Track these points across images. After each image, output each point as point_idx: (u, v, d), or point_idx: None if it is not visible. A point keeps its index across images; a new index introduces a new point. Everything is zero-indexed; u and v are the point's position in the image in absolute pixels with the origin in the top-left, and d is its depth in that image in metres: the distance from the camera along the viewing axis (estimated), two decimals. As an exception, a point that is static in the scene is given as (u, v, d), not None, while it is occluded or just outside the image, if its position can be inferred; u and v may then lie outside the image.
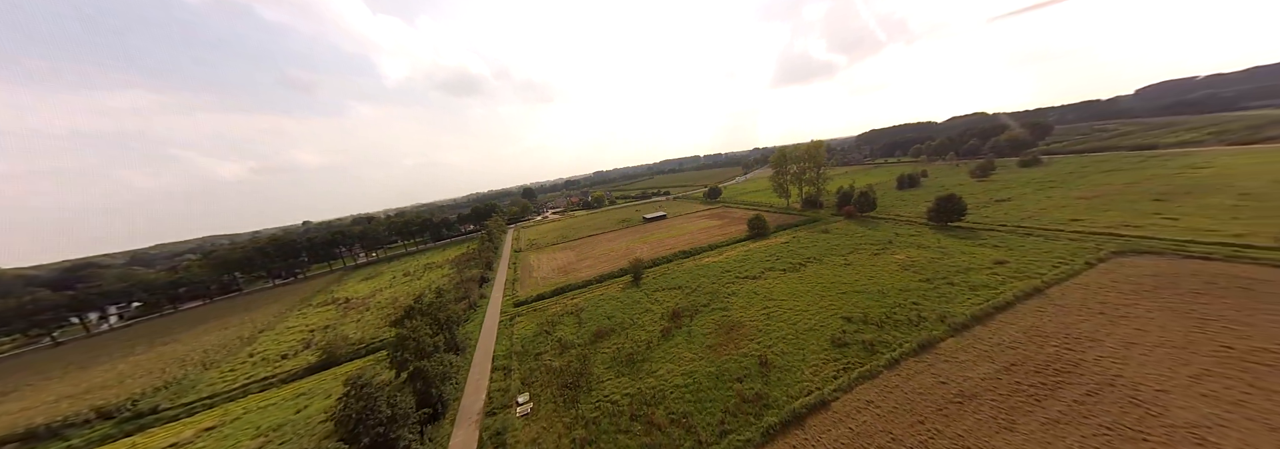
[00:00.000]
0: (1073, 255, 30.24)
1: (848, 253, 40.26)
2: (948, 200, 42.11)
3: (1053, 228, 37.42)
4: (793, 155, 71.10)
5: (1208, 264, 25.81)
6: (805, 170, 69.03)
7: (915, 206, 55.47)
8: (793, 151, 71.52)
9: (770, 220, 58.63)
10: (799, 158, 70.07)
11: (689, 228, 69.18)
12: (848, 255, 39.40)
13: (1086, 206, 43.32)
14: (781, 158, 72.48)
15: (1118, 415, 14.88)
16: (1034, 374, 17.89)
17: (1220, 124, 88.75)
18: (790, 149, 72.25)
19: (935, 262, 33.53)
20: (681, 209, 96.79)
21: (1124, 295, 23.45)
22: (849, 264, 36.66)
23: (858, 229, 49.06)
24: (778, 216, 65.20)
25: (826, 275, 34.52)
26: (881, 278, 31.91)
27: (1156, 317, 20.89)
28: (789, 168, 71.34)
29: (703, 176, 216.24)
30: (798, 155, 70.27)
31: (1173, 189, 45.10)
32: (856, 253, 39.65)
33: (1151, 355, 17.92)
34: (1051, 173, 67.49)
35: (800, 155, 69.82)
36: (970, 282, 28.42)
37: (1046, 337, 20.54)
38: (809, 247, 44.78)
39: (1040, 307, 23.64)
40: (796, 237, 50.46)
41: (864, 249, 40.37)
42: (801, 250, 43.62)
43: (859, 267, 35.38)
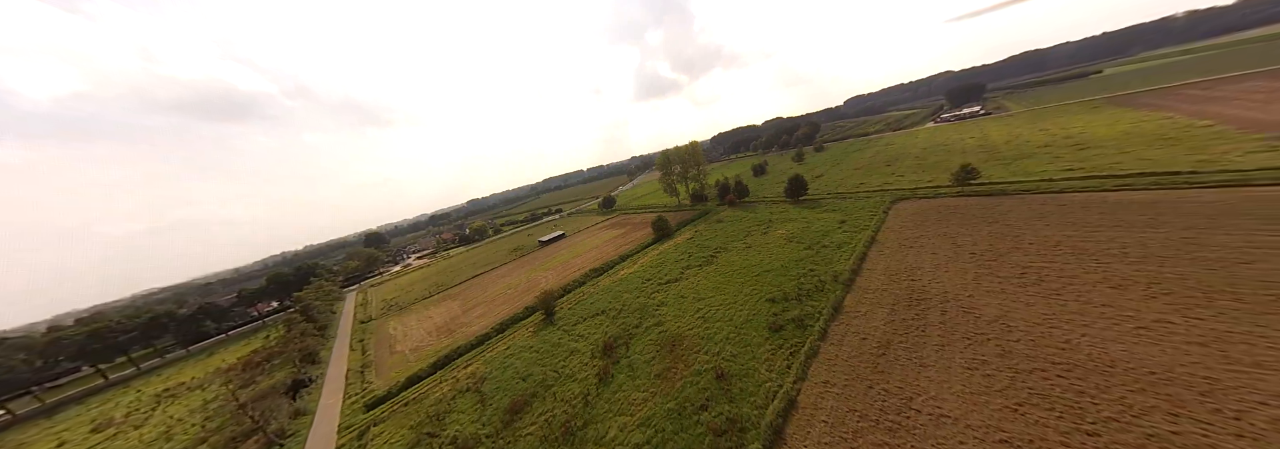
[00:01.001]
0: (875, 207, 41.00)
1: (744, 236, 43.98)
2: (795, 181, 52.13)
3: (855, 191, 50.86)
4: (675, 157, 76.78)
5: (931, 202, 38.94)
6: (688, 169, 75.44)
7: (773, 189, 67.51)
8: (675, 154, 77.26)
9: (671, 219, 60.32)
10: (681, 159, 76.18)
11: (593, 242, 64.55)
12: (746, 238, 42.93)
13: (861, 174, 61.57)
14: (666, 160, 77.32)
15: (969, 326, 18.46)
16: (908, 309, 21.16)
17: (884, 120, 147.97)
18: (672, 152, 77.90)
19: (805, 230, 39.78)
20: (580, 224, 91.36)
21: (912, 229, 32.24)
22: (750, 247, 39.67)
23: (743, 214, 55.38)
24: (675, 215, 68.18)
25: (737, 261, 36.06)
26: (778, 253, 35.32)
27: (934, 241, 29.03)
28: (674, 168, 76.61)
29: (591, 189, 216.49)
30: (680, 157, 76.29)
31: (888, 158, 69.54)
32: (750, 235, 43.72)
33: (949, 271, 24.04)
34: (833, 155, 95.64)
35: (682, 156, 76.01)
36: (834, 241, 34.29)
37: (896, 274, 25.44)
38: (712, 238, 47.19)
39: (880, 251, 29.88)
40: (698, 231, 52.96)
41: (755, 231, 45.00)
42: (707, 242, 45.38)
43: (758, 247, 38.62)
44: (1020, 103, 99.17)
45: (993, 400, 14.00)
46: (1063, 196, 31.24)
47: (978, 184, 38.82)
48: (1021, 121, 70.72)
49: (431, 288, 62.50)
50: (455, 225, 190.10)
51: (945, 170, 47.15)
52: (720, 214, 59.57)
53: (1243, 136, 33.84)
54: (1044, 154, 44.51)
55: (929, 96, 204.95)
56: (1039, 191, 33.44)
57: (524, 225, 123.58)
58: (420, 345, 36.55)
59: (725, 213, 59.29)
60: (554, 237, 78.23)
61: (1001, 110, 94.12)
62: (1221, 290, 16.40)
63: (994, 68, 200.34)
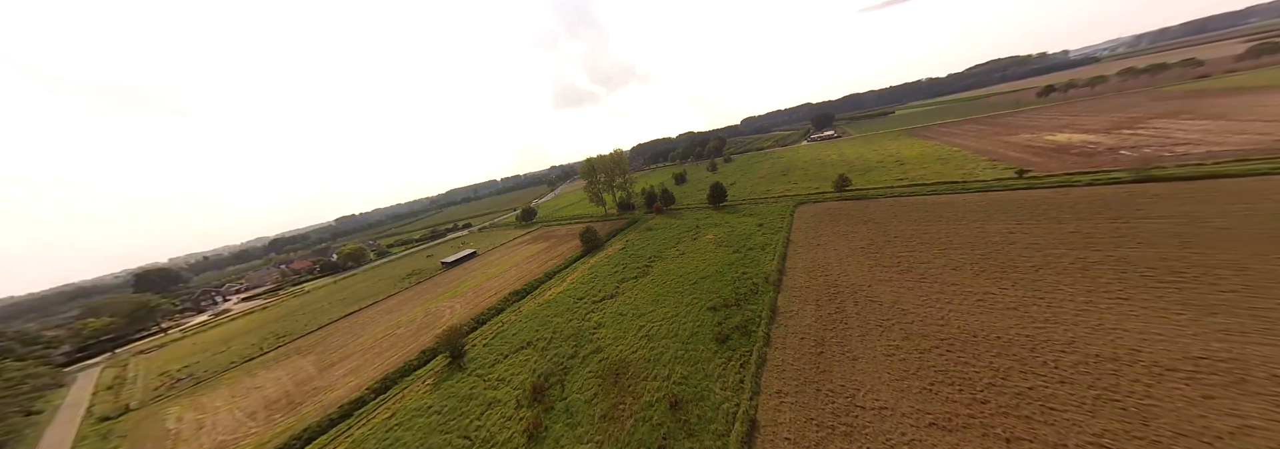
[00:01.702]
0: (784, 211, 46.66)
1: (676, 243, 44.19)
2: (716, 189, 55.91)
3: (765, 197, 57.54)
4: (600, 165, 74.36)
5: (822, 205, 46.54)
6: (614, 177, 73.90)
7: (696, 196, 71.50)
8: (600, 162, 74.78)
9: (600, 229, 57.43)
10: (606, 167, 74.16)
11: (513, 259, 56.60)
12: (678, 245, 43.10)
13: (765, 182, 70.79)
14: (591, 168, 74.22)
15: (876, 314, 21.10)
16: (829, 303, 23.35)
17: (773, 137, 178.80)
18: (597, 160, 75.22)
19: (731, 234, 42.24)
20: (495, 240, 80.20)
21: (815, 229, 37.37)
22: (683, 254, 39.76)
23: (672, 221, 56.36)
24: (604, 224, 65.54)
25: (673, 270, 35.42)
26: (710, 258, 36.12)
27: (832, 239, 34.02)
28: (599, 177, 74.08)
29: (507, 200, 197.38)
30: (605, 165, 74.17)
31: (783, 169, 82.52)
32: (682, 242, 44.20)
33: (850, 265, 28.03)
34: (740, 166, 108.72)
35: (607, 165, 74.03)
36: (757, 243, 37.03)
37: (813, 271, 28.35)
38: (645, 247, 46.09)
39: (796, 250, 33.33)
40: (629, 240, 51.37)
41: (685, 237, 45.77)
42: (640, 252, 44.00)
43: (691, 254, 38.97)
44: (856, 130, 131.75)
45: (912, 384, 15.43)
46: (903, 199, 40.71)
47: (851, 190, 48.02)
48: (860, 144, 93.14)
49: (265, 342, 44.40)
50: (316, 251, 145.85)
51: (826, 179, 57.42)
52: (649, 222, 59.61)
53: (976, 158, 50.50)
54: (881, 168, 58.47)
55: (800, 120, 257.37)
56: (888, 196, 43.01)
57: (422, 245, 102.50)
58: (231, 439, 24.04)
59: (654, 221, 59.61)
60: (462, 256, 66.16)
61: (846, 135, 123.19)
62: (1009, 266, 22.47)
63: (836, 103, 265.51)
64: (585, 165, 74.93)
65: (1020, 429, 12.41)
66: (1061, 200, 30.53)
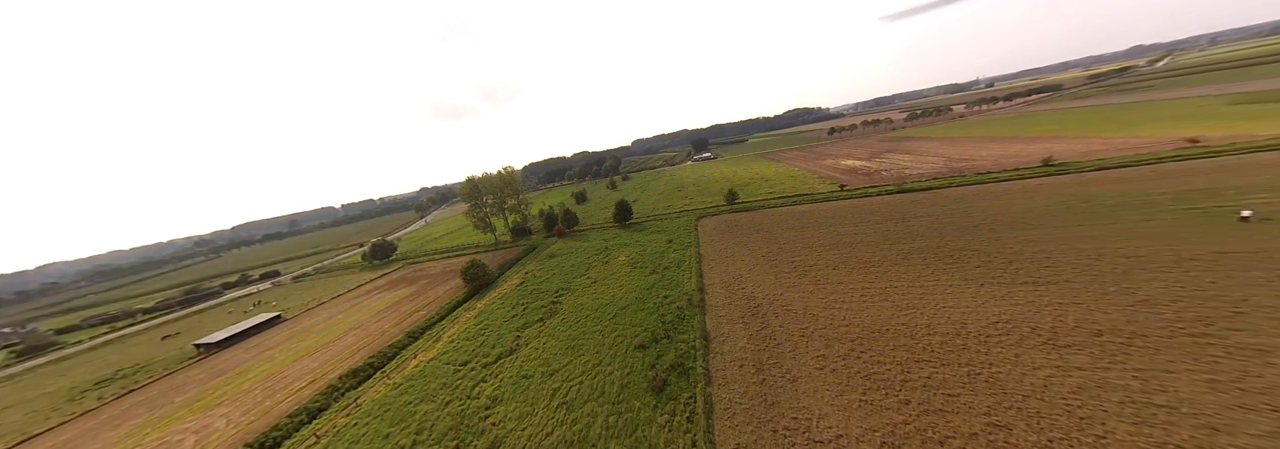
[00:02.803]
0: (688, 225, 48.22)
1: (586, 269, 39.05)
2: (622, 206, 54.11)
3: (668, 213, 59.24)
4: (486, 185, 62.41)
5: (719, 217, 50.68)
6: (505, 198, 63.10)
7: (600, 215, 68.20)
8: (486, 182, 62.82)
9: (491, 261, 46.62)
10: (494, 187, 62.78)
11: (352, 320, 39.35)
12: (588, 272, 38.02)
13: (665, 198, 74.29)
14: (473, 188, 61.44)
15: (796, 324, 21.63)
16: (754, 319, 22.97)
17: (663, 157, 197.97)
18: (482, 179, 62.98)
19: (644, 253, 40.16)
20: (329, 290, 56.18)
21: (719, 241, 39.25)
22: (596, 281, 34.96)
23: (577, 245, 50.79)
24: (495, 255, 54.27)
25: (588, 302, 30.11)
26: (627, 283, 32.60)
27: (736, 250, 36.11)
28: (485, 199, 61.98)
29: (352, 233, 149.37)
30: (493, 185, 62.69)
31: (677, 185, 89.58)
32: (593, 267, 39.36)
33: (759, 274, 29.53)
34: (638, 184, 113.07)
35: (495, 185, 62.74)
36: (672, 261, 35.87)
37: (729, 285, 28.41)
38: (550, 277, 39.02)
39: (709, 265, 33.51)
40: (529, 272, 43.05)
41: (596, 261, 41.13)
42: (545, 285, 36.78)
43: (606, 280, 34.55)
44: (725, 153, 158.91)
45: (850, 398, 15.08)
46: (779, 209, 47.95)
47: (739, 203, 54.14)
48: (733, 164, 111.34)
49: None
50: None
51: (717, 194, 63.84)
52: (552, 247, 52.49)
53: (811, 177, 66.04)
54: (754, 184, 69.58)
55: (681, 143, 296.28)
56: (767, 207, 50.11)
57: (165, 314, 62.88)
58: None
59: (557, 245, 52.87)
60: (250, 327, 42.49)
61: (720, 157, 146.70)
62: (866, 261, 27.32)
63: (706, 130, 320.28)
64: (466, 186, 62.06)
65: (942, 427, 12.89)
66: (870, 206, 41.13)
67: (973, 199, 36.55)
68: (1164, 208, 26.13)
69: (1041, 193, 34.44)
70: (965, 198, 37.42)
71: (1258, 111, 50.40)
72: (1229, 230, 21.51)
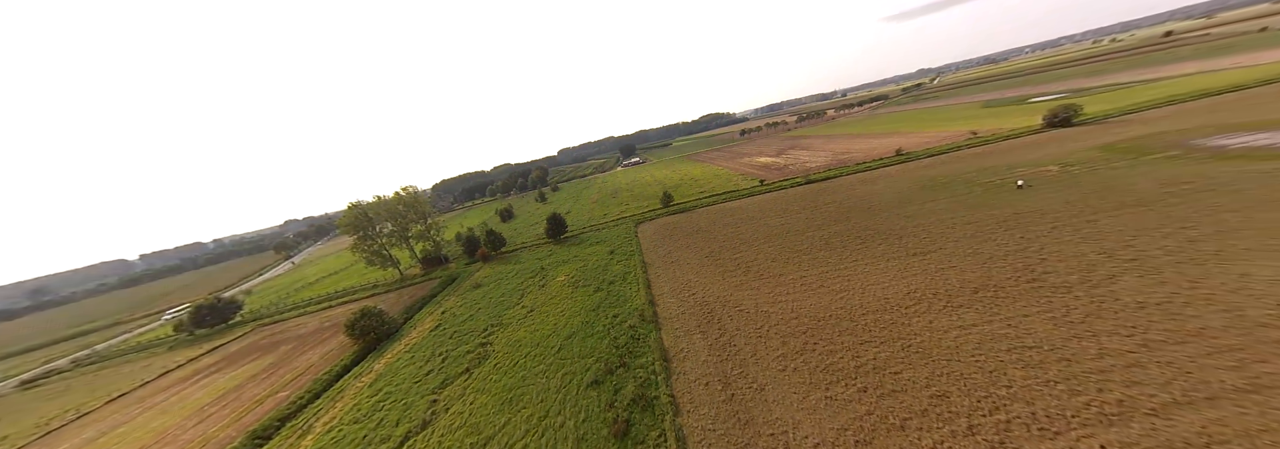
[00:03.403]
0: (628, 233, 46.67)
1: (520, 297, 34.07)
2: (555, 220, 49.57)
3: (603, 222, 56.78)
4: (381, 211, 50.46)
5: (657, 221, 50.48)
6: (409, 225, 52.06)
7: (530, 231, 61.99)
8: (379, 207, 50.72)
9: (392, 304, 37.44)
10: (394, 213, 51.14)
11: (159, 425, 26.65)
12: (523, 300, 33.17)
13: (599, 207, 71.79)
14: (359, 217, 48.91)
15: (751, 325, 21.55)
16: (711, 326, 22.14)
17: (592, 165, 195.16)
18: (374, 205, 50.63)
19: (585, 269, 36.97)
20: (105, 388, 37.72)
21: (662, 246, 38.60)
22: (533, 310, 30.50)
23: (507, 269, 44.60)
24: (398, 296, 44.25)
25: (525, 338, 25.72)
26: (571, 306, 29.15)
27: (681, 252, 35.80)
28: (380, 228, 50.24)
29: (160, 293, 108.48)
30: (391, 210, 50.93)
31: (610, 192, 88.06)
32: (528, 293, 34.55)
33: (706, 276, 29.41)
34: (569, 194, 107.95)
35: (392, 210, 51.13)
36: (617, 274, 33.59)
37: (680, 292, 27.47)
38: (474, 314, 32.83)
39: (656, 273, 32.25)
40: (447, 311, 35.77)
41: (531, 286, 36.31)
42: (469, 325, 30.69)
43: (545, 307, 30.35)
44: (653, 157, 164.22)
45: (815, 397, 14.96)
46: (711, 208, 49.88)
47: (675, 205, 54.80)
48: (663, 168, 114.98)
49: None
50: None
51: (652, 198, 63.96)
52: (476, 275, 45.22)
53: (733, 175, 71.65)
54: (685, 185, 72.13)
55: (609, 150, 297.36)
56: (701, 206, 51.76)
57: None
58: None
59: (483, 272, 45.79)
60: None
61: (649, 161, 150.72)
62: (798, 249, 29.45)
63: (631, 137, 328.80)
64: (349, 214, 49.35)
65: (898, 409, 13.44)
66: (788, 197, 45.72)
67: (859, 185, 43.43)
68: (975, 183, 34.43)
69: (901, 177, 42.74)
70: (855, 184, 44.29)
71: (1000, 112, 72.79)
72: (1014, 197, 29.06)
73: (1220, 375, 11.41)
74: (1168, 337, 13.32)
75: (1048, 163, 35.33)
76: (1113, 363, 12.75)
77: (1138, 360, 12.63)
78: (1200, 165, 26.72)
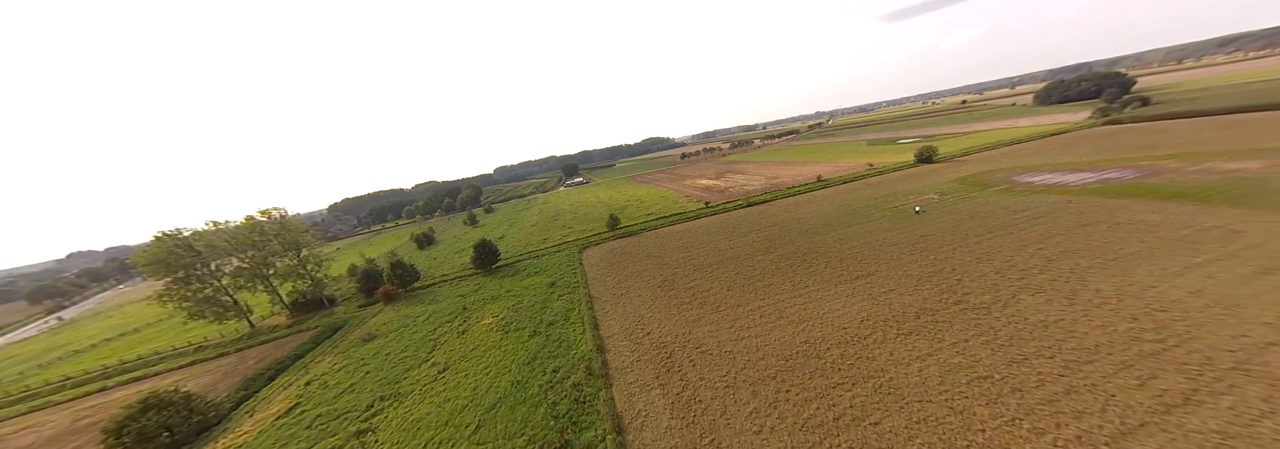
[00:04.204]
0: (571, 261, 41.98)
1: (431, 350, 26.55)
2: (484, 247, 42.21)
3: (545, 247, 50.99)
4: (219, 244, 36.33)
5: (603, 246, 46.95)
6: (268, 261, 38.59)
7: (454, 261, 52.49)
8: (211, 239, 36.51)
9: (223, 377, 25.79)
10: (244, 244, 37.31)
11: None
12: (434, 354, 25.78)
13: (540, 230, 65.42)
14: (177, 253, 34.26)
15: (716, 371, 19.11)
16: (670, 375, 19.00)
17: (532, 184, 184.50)
18: (203, 236, 36.23)
19: (520, 308, 31.08)
20: None
21: (610, 276, 34.99)
22: (446, 369, 23.58)
23: (417, 311, 35.55)
24: (241, 360, 31.56)
25: (429, 417, 19.01)
26: (499, 361, 23.22)
27: (630, 282, 32.68)
28: (221, 265, 36.17)
29: None
30: (238, 241, 37.01)
31: (552, 214, 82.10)
32: (440, 345, 27.14)
33: (661, 312, 26.65)
34: (505, 215, 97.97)
35: (243, 241, 37.33)
36: (558, 312, 28.67)
37: (633, 332, 24.00)
38: (358, 381, 24.14)
39: (604, 308, 28.37)
40: (316, 377, 25.96)
41: (447, 333, 28.84)
42: (344, 399, 22.20)
43: (463, 362, 23.69)
44: (598, 177, 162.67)
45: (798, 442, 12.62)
46: (660, 231, 48.45)
47: (622, 228, 52.07)
48: (607, 188, 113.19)
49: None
50: None
51: (597, 220, 60.41)
52: (371, 322, 35.18)
53: (678, 196, 73.12)
54: (631, 206, 70.67)
55: (550, 169, 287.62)
56: (648, 229, 50.03)
57: None
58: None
59: (382, 318, 35.91)
60: None
61: (592, 181, 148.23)
62: (751, 276, 28.81)
63: (574, 156, 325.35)
64: (153, 251, 34.24)
65: None
66: (733, 219, 46.96)
67: (794, 208, 46.93)
68: (884, 207, 39.61)
69: (825, 201, 47.63)
70: (789, 207, 47.74)
71: (882, 149, 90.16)
72: (916, 221, 33.67)
73: (1135, 397, 12.46)
74: (1078, 356, 14.66)
75: (928, 191, 42.78)
76: (1053, 391, 13.28)
77: (1070, 385, 13.37)
78: (1025, 197, 34.61)
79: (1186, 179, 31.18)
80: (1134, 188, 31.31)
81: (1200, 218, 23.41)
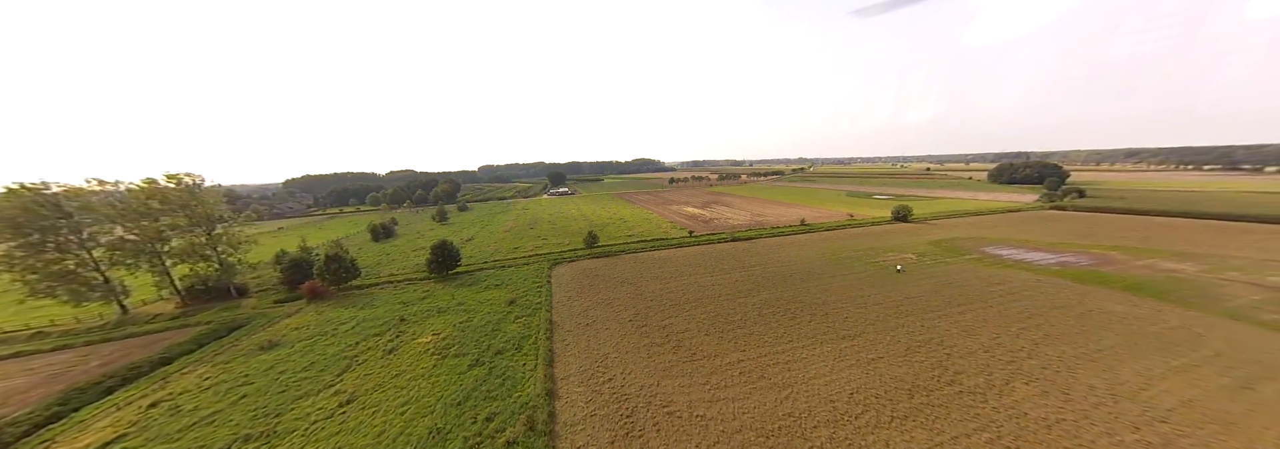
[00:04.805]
0: (540, 276, 38.14)
1: (340, 373, 21.46)
2: (443, 248, 37.54)
3: (512, 258, 46.71)
4: (102, 208, 29.61)
5: (577, 264, 43.43)
6: (167, 234, 31.85)
7: (407, 260, 46.75)
8: (102, 201, 29.87)
9: (53, 376, 19.41)
10: (139, 212, 30.67)
11: None
12: (341, 380, 20.73)
13: (512, 238, 60.94)
14: (42, 212, 27.32)
15: (688, 439, 16.05)
16: (629, 441, 15.79)
17: (514, 188, 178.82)
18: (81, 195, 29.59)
19: (467, 327, 26.68)
20: None
21: (579, 300, 31.53)
22: (352, 401, 18.79)
23: (344, 316, 29.90)
24: (90, 356, 24.45)
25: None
26: (421, 395, 18.82)
27: (599, 311, 29.36)
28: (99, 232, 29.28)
29: None
30: (130, 208, 30.40)
31: (529, 221, 77.82)
32: (357, 365, 22.14)
33: (629, 354, 23.52)
34: (480, 216, 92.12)
35: (138, 208, 30.74)
36: (511, 339, 24.70)
37: (592, 377, 20.57)
38: (227, 408, 18.62)
39: (564, 338, 24.77)
40: (172, 396, 19.97)
41: (369, 350, 23.80)
42: (190, 437, 16.73)
43: (372, 397, 18.93)
44: (583, 190, 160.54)
45: None
46: (640, 255, 45.89)
47: (600, 247, 49.02)
48: (591, 202, 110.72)
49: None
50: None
51: (575, 234, 57.09)
52: (280, 324, 29.12)
53: (663, 221, 71.75)
54: (613, 224, 68.16)
55: (537, 175, 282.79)
56: (628, 252, 47.35)
57: None
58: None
59: (297, 319, 29.92)
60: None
61: (577, 193, 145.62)
62: (732, 321, 26.44)
63: (563, 166, 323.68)
64: (1, 205, 27.15)
65: None
66: (716, 253, 45.43)
67: (777, 249, 46.28)
68: (867, 261, 39.59)
69: (810, 246, 47.54)
70: (774, 248, 47.09)
71: (860, 202, 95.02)
72: (898, 280, 33.42)
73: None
74: (1087, 468, 13.15)
75: (906, 250, 43.73)
76: (1072, 515, 11.45)
77: (1088, 509, 11.62)
78: (998, 269, 35.71)
79: (1135, 272, 33.32)
80: (1092, 274, 32.96)
81: (1163, 315, 24.22)
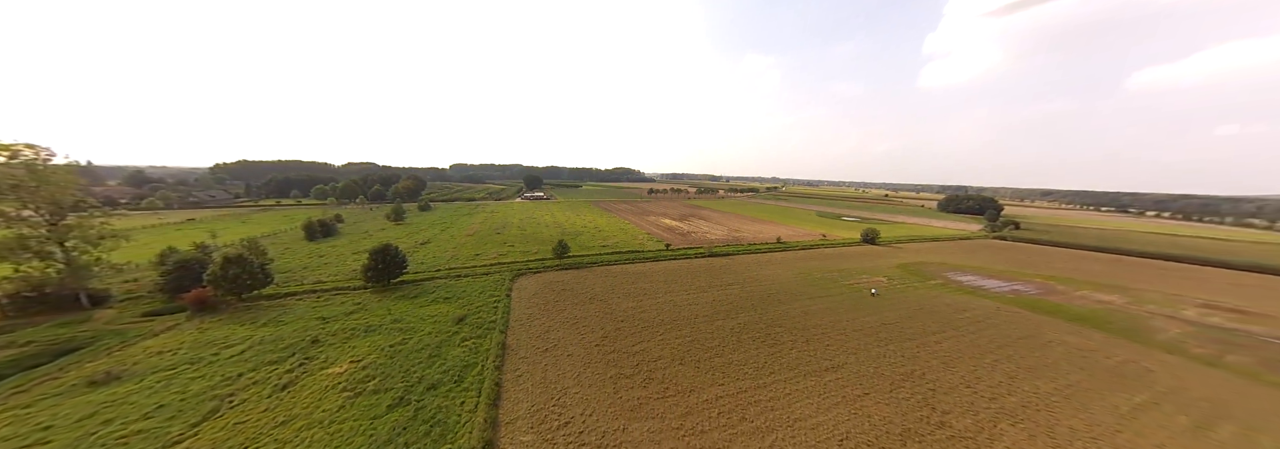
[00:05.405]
0: (499, 288, 33.90)
1: (198, 422, 16.27)
2: (384, 253, 32.25)
3: (469, 266, 41.87)
4: None
5: (543, 275, 39.56)
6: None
7: (341, 264, 40.30)
8: None
9: None
10: None
11: None
12: (195, 431, 15.64)
13: (475, 242, 55.63)
14: None
15: None
16: None
17: (486, 189, 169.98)
18: None
19: (398, 354, 22.08)
20: None
21: (540, 318, 27.87)
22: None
23: (236, 333, 23.95)
24: None
25: None
26: None
27: (562, 332, 25.87)
28: None
29: None
30: None
31: (496, 226, 72.25)
32: (228, 408, 16.97)
33: (587, 383, 20.34)
34: (442, 217, 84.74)
35: None
36: (453, 367, 20.62)
37: (542, 414, 17.23)
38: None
39: (516, 367, 21.14)
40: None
41: (254, 385, 18.59)
42: None
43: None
44: (560, 195, 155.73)
45: None
46: (612, 268, 42.89)
47: (570, 258, 45.42)
48: (566, 209, 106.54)
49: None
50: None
51: (545, 242, 53.08)
52: (131, 349, 22.65)
53: (640, 232, 69.54)
54: (587, 233, 64.81)
55: (512, 177, 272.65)
56: (599, 264, 44.20)
57: None
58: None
59: (167, 340, 23.66)
60: None
61: (553, 198, 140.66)
62: (708, 348, 24.13)
63: (541, 170, 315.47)
64: None
65: None
66: (691, 268, 43.55)
67: (755, 267, 45.29)
68: (842, 284, 39.41)
69: (786, 265, 47.13)
70: (751, 265, 46.08)
71: (831, 223, 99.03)
72: (874, 304, 33.14)
73: None
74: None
75: (878, 273, 44.50)
76: None
77: None
78: (961, 296, 36.80)
79: (1076, 303, 35.59)
80: (1042, 304, 34.71)
81: (1112, 348, 25.25)
